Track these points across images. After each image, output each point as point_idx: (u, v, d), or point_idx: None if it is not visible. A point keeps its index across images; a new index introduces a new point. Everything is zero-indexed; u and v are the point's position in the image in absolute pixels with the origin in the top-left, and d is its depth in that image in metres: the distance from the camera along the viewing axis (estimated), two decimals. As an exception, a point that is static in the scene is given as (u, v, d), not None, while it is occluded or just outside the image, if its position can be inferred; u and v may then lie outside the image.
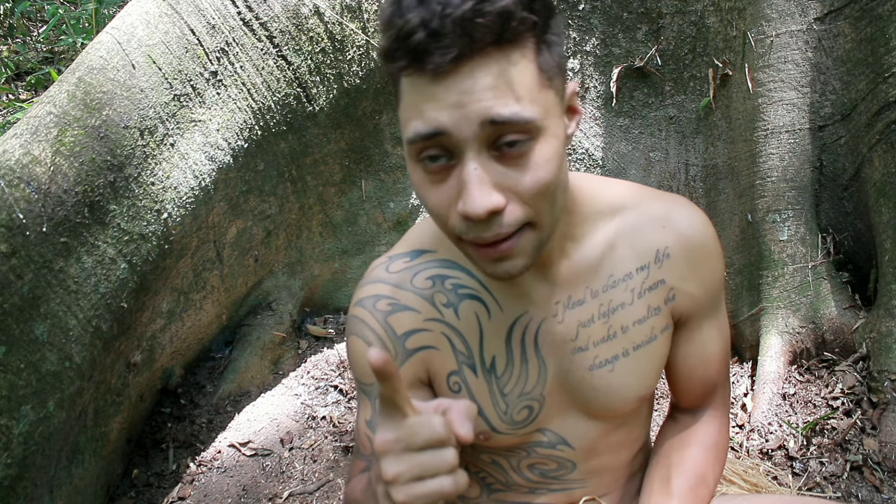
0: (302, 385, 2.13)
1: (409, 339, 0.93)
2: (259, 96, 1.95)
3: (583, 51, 2.27)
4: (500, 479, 1.05)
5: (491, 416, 0.95)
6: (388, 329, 0.92)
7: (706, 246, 0.95)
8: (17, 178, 1.41)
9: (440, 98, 0.68)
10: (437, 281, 0.93)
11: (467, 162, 0.70)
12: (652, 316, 0.95)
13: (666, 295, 0.95)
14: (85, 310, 1.52)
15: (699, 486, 1.00)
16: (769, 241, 2.04)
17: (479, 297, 0.92)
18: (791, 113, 2.05)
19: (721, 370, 1.05)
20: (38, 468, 1.40)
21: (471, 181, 0.70)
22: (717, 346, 1.02)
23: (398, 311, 0.92)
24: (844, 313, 1.96)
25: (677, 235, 0.94)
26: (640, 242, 0.93)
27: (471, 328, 0.92)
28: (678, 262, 0.94)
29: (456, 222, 0.74)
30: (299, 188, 2.18)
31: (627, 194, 0.96)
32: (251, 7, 1.92)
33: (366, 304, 0.93)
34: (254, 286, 2.19)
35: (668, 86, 2.27)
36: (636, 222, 0.94)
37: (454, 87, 0.68)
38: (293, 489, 1.80)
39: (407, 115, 0.72)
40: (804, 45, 2.03)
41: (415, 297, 0.92)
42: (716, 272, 0.97)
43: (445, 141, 0.70)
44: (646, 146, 2.32)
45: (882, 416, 1.75)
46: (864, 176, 1.98)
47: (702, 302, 0.97)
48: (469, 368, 0.94)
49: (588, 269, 0.93)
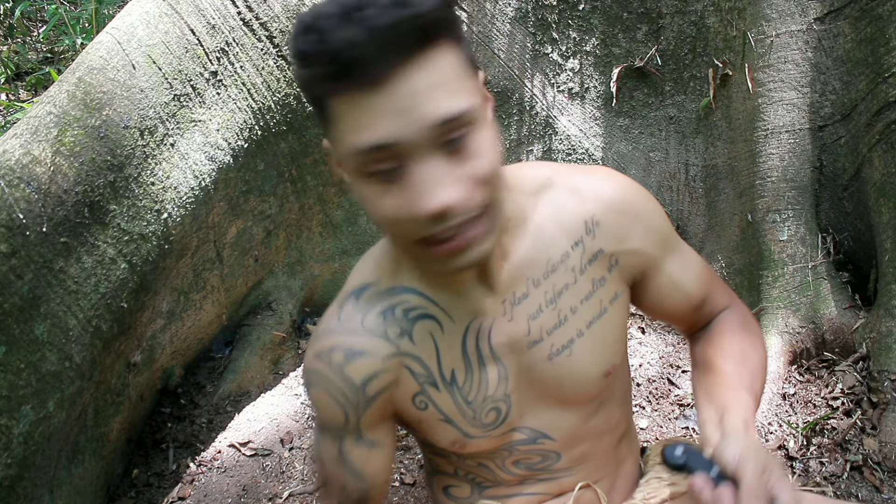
0: (302, 385, 2.13)
1: (368, 386, 0.93)
2: (259, 96, 1.95)
3: (583, 51, 2.27)
4: (489, 478, 1.05)
5: (461, 424, 0.96)
6: (346, 380, 0.92)
7: (631, 201, 0.96)
8: (17, 178, 1.41)
9: (382, 108, 0.70)
10: (388, 314, 0.93)
11: (421, 164, 0.72)
12: (598, 288, 0.95)
13: (608, 263, 0.95)
14: (85, 310, 1.52)
15: (745, 362, 1.00)
16: (769, 241, 2.04)
17: (430, 314, 0.93)
18: (791, 113, 2.05)
19: (709, 291, 1.05)
20: (38, 468, 1.40)
21: (426, 182, 0.72)
22: (689, 276, 1.02)
23: (353, 360, 0.92)
24: (844, 313, 1.96)
25: (599, 201, 0.94)
26: (567, 219, 0.94)
27: (427, 349, 0.93)
28: (609, 226, 0.94)
29: (415, 225, 0.75)
30: (299, 188, 2.18)
31: (543, 174, 0.97)
32: (251, 7, 1.92)
33: (322, 357, 0.93)
34: (254, 286, 2.19)
35: (668, 86, 2.27)
36: (558, 200, 0.94)
37: (395, 94, 0.69)
38: (293, 489, 1.80)
39: (347, 132, 0.73)
40: (804, 45, 2.03)
41: (368, 339, 0.92)
42: (652, 220, 0.97)
43: (394, 150, 0.71)
44: (646, 146, 2.32)
45: (882, 416, 1.75)
46: (864, 176, 1.98)
47: (651, 253, 0.97)
48: (431, 386, 0.95)
49: (525, 261, 0.93)
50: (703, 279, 1.04)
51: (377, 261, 0.96)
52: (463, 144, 0.73)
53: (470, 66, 0.76)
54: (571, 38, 2.27)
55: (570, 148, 2.32)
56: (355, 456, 0.97)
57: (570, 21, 2.25)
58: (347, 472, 0.98)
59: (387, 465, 1.01)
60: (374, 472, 0.99)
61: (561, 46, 2.27)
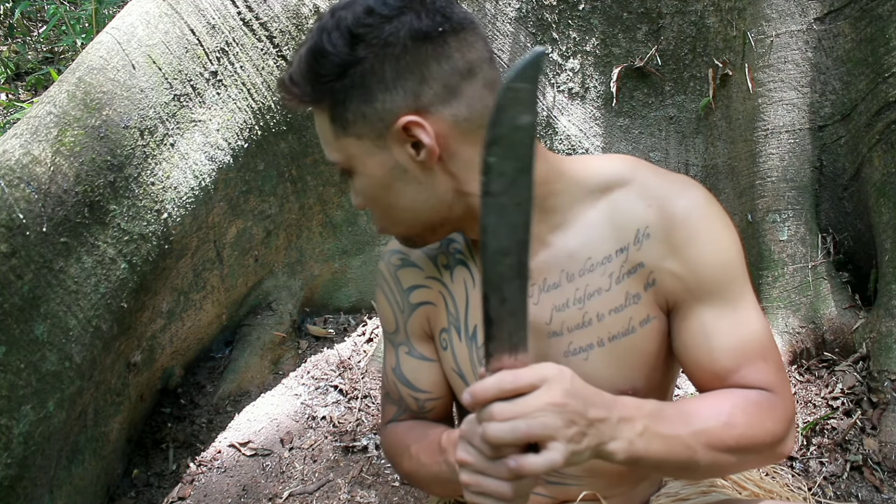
0: (302, 385, 2.13)
1: (412, 294, 1.04)
2: (259, 96, 1.95)
3: (583, 51, 2.27)
4: None
5: (472, 382, 0.96)
6: (397, 283, 1.06)
7: (692, 222, 0.88)
8: (17, 178, 1.41)
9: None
10: (444, 243, 1.02)
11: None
12: (630, 304, 0.90)
13: (645, 280, 0.90)
14: (85, 310, 1.52)
15: (718, 412, 0.85)
16: (769, 241, 2.04)
17: (469, 265, 1.00)
18: (791, 113, 2.05)
19: (744, 365, 0.89)
20: (38, 468, 1.40)
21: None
22: (726, 337, 0.88)
23: (406, 267, 1.05)
24: (844, 313, 1.96)
25: (660, 212, 0.89)
26: (623, 222, 0.90)
27: (460, 293, 1.00)
28: (657, 241, 0.88)
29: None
30: (299, 188, 2.18)
31: (620, 171, 0.92)
32: (251, 7, 1.92)
33: (384, 257, 1.09)
34: (254, 286, 2.19)
35: (668, 86, 2.27)
36: (623, 201, 0.90)
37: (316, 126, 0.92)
38: (293, 489, 1.80)
39: None
40: (804, 45, 2.03)
41: (422, 255, 1.04)
42: (709, 253, 0.88)
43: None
44: (646, 146, 2.32)
45: (882, 416, 1.75)
46: (864, 176, 1.98)
47: (689, 283, 0.88)
48: (455, 330, 1.01)
49: (565, 253, 0.92)
50: (743, 350, 0.89)
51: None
52: (350, 179, 0.92)
53: (342, 126, 0.88)
54: (571, 38, 2.27)
55: (570, 148, 2.32)
56: (408, 367, 1.07)
57: (570, 21, 2.25)
58: (401, 382, 1.07)
59: (438, 381, 1.07)
60: (426, 385, 1.06)
61: (561, 46, 2.27)
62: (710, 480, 1.12)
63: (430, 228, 0.93)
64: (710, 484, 1.12)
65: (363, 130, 0.86)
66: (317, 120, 0.90)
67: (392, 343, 1.08)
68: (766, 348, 0.90)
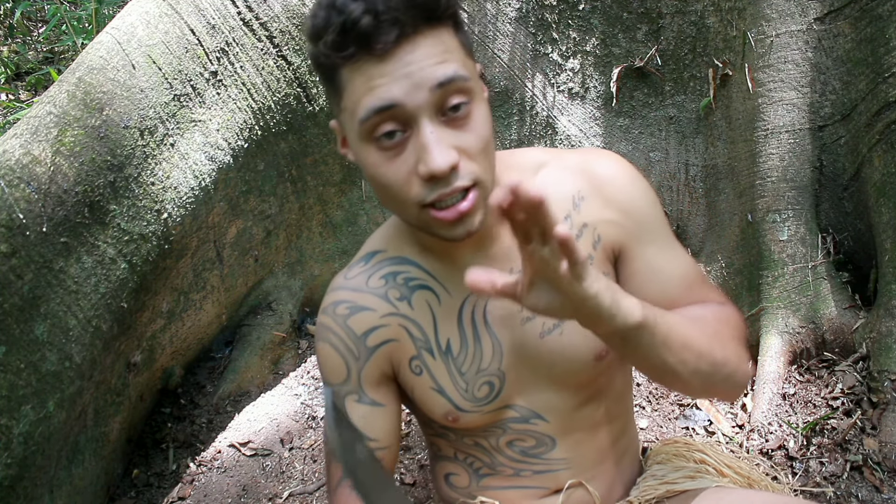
0: (302, 385, 2.13)
1: (369, 337, 1.00)
2: (259, 96, 1.95)
3: (583, 51, 2.27)
4: (486, 461, 1.06)
5: (453, 396, 0.99)
6: (348, 332, 1.00)
7: (619, 178, 0.97)
8: (17, 178, 1.41)
9: (389, 74, 0.79)
10: (390, 278, 1.00)
11: (423, 127, 0.80)
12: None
13: (592, 238, 0.96)
14: (85, 310, 1.52)
15: (696, 321, 0.91)
16: (769, 241, 2.04)
17: (428, 286, 0.99)
18: (791, 113, 2.05)
19: (693, 289, 0.98)
20: (38, 468, 1.40)
21: (430, 142, 0.79)
22: (671, 268, 0.97)
23: (356, 313, 1.00)
24: (844, 313, 1.96)
25: (589, 176, 0.97)
26: (559, 194, 0.96)
27: (424, 315, 0.99)
28: (592, 199, 0.96)
29: (418, 189, 0.82)
30: (299, 188, 2.18)
31: (543, 155, 1.00)
32: (251, 7, 1.92)
33: (328, 311, 1.02)
34: (254, 286, 2.19)
35: (668, 86, 2.27)
36: (554, 176, 0.97)
37: (400, 62, 0.78)
38: (293, 489, 1.80)
39: (356, 98, 0.81)
40: (804, 45, 2.03)
41: (371, 297, 1.00)
42: (637, 199, 0.97)
43: (399, 112, 0.79)
44: (646, 146, 2.32)
45: (882, 416, 1.75)
46: (864, 176, 1.98)
47: (628, 227, 0.96)
48: (427, 352, 0.99)
49: None
50: (687, 276, 0.99)
51: (387, 231, 1.04)
52: (463, 114, 0.81)
53: (466, 49, 0.85)
54: (571, 38, 2.27)
55: (570, 148, 2.32)
56: (357, 415, 1.02)
57: (570, 21, 2.25)
58: None
59: (391, 428, 1.04)
60: (375, 433, 1.03)
61: (561, 46, 2.27)
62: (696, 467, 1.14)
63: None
64: (696, 469, 1.13)
65: (472, 60, 0.86)
66: (442, 39, 0.81)
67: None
68: (700, 273, 1.03)
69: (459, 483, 1.10)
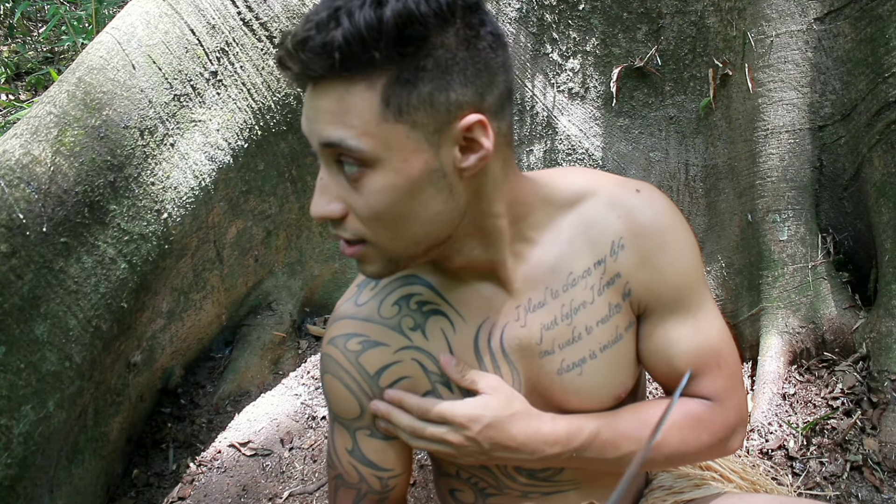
0: (302, 385, 2.13)
1: (382, 377, 0.95)
2: (259, 96, 1.95)
3: (583, 51, 2.27)
4: (492, 483, 1.04)
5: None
6: (360, 370, 0.95)
7: (661, 233, 0.91)
8: (17, 178, 1.41)
9: (305, 106, 0.78)
10: (403, 304, 0.94)
11: (322, 169, 0.79)
12: (614, 314, 0.92)
13: (623, 290, 0.92)
14: (85, 310, 1.52)
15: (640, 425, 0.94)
16: (769, 241, 2.04)
17: (442, 311, 0.94)
18: (791, 113, 2.05)
19: (700, 373, 0.95)
20: (38, 468, 1.40)
21: (316, 187, 0.79)
22: (686, 345, 0.94)
23: (368, 349, 0.95)
24: (844, 313, 1.96)
25: (631, 223, 0.91)
26: (597, 235, 0.91)
27: (440, 346, 0.94)
28: (631, 251, 0.91)
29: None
30: (299, 188, 2.18)
31: (585, 184, 0.93)
32: (251, 7, 1.92)
33: (338, 343, 0.96)
34: (254, 286, 2.19)
35: (668, 86, 2.27)
36: (593, 213, 0.91)
37: (309, 103, 0.76)
38: (293, 489, 1.80)
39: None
40: (804, 45, 2.03)
41: (383, 329, 0.94)
42: (676, 263, 0.91)
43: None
44: (646, 146, 2.32)
45: (882, 416, 1.75)
46: (864, 176, 1.98)
47: (659, 292, 0.92)
48: (443, 386, 0.95)
49: (547, 269, 0.91)
50: (700, 356, 0.94)
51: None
52: (354, 176, 0.76)
53: (396, 111, 0.73)
54: (571, 38, 2.27)
55: (570, 148, 2.32)
56: (370, 448, 0.99)
57: (570, 21, 2.25)
58: (363, 463, 1.00)
59: (405, 456, 1.02)
60: (391, 464, 1.00)
61: (561, 46, 2.27)
62: (702, 474, 1.13)
63: (431, 247, 0.83)
64: (701, 477, 1.12)
65: (424, 120, 0.74)
66: (344, 96, 0.73)
67: (346, 427, 1.00)
68: (720, 354, 0.95)
69: (465, 499, 1.08)
